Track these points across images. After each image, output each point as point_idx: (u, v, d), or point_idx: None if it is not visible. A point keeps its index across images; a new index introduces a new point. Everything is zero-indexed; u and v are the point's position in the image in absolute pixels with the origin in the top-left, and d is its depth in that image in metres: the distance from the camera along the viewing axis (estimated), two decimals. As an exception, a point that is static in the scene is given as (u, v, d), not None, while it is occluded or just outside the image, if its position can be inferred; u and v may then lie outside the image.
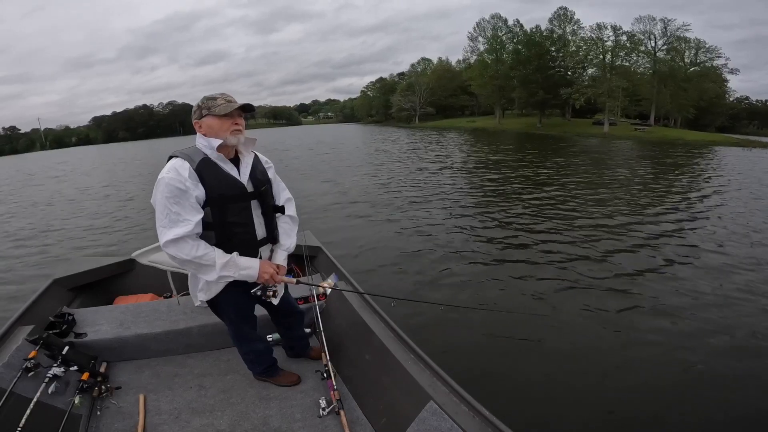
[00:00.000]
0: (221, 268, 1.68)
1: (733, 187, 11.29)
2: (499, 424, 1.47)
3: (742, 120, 57.71)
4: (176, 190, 1.59)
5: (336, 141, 35.85)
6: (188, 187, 1.61)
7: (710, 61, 41.81)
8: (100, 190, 14.69)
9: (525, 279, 4.93)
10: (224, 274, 1.70)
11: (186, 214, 1.61)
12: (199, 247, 1.64)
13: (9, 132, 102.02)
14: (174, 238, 1.59)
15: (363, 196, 10.21)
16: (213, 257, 1.67)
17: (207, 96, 1.72)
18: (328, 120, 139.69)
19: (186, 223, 1.61)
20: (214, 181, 1.67)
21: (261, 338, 2.17)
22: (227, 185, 1.71)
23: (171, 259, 1.67)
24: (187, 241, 1.62)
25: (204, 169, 1.66)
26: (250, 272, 1.75)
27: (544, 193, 10.10)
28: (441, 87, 68.93)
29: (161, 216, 1.61)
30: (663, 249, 5.89)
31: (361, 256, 5.77)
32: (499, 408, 1.59)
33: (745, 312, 4.03)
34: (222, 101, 1.69)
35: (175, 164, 1.63)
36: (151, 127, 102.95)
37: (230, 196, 1.71)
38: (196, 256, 1.64)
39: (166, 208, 1.59)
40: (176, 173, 1.61)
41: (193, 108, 1.75)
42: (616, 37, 40.49)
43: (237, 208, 1.74)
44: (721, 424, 2.62)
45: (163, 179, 1.60)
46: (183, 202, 1.61)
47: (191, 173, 1.63)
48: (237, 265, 1.72)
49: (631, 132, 37.59)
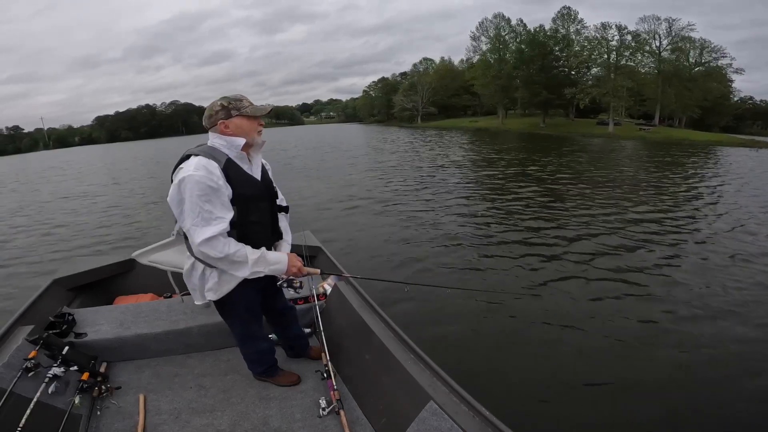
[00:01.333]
0: (253, 263, 1.70)
1: (752, 186, 11.18)
2: (499, 424, 1.46)
3: (746, 120, 57.34)
4: (208, 188, 1.58)
5: (336, 140, 35.89)
6: (220, 186, 1.61)
7: (715, 61, 41.62)
8: (100, 191, 14.74)
9: (529, 272, 4.95)
10: (256, 270, 1.72)
11: (218, 212, 1.61)
12: (230, 245, 1.65)
13: (12, 132, 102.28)
14: (208, 237, 1.59)
15: (364, 195, 10.23)
16: (245, 254, 1.68)
17: (231, 96, 1.72)
18: (330, 120, 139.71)
19: (219, 221, 1.61)
20: (238, 180, 1.69)
21: (266, 337, 2.18)
22: (250, 185, 1.75)
23: (203, 258, 1.68)
24: (220, 240, 1.62)
25: (229, 169, 1.67)
26: (280, 266, 1.78)
27: (559, 196, 9.91)
28: (443, 87, 68.77)
29: (192, 215, 1.58)
30: (685, 248, 5.87)
31: (362, 256, 5.78)
32: (499, 408, 1.58)
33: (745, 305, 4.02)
34: (248, 103, 1.73)
35: (203, 162, 1.61)
36: (154, 127, 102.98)
37: (252, 195, 1.75)
38: (228, 253, 1.64)
39: (198, 207, 1.57)
40: (207, 171, 1.59)
41: (213, 108, 1.72)
42: (620, 37, 40.35)
43: (257, 207, 1.79)
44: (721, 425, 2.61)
45: (192, 177, 1.57)
46: (215, 201, 1.61)
47: (221, 171, 1.63)
48: (267, 261, 1.74)
49: (636, 132, 37.30)
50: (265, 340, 2.16)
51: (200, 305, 2.63)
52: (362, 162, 18.43)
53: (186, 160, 1.65)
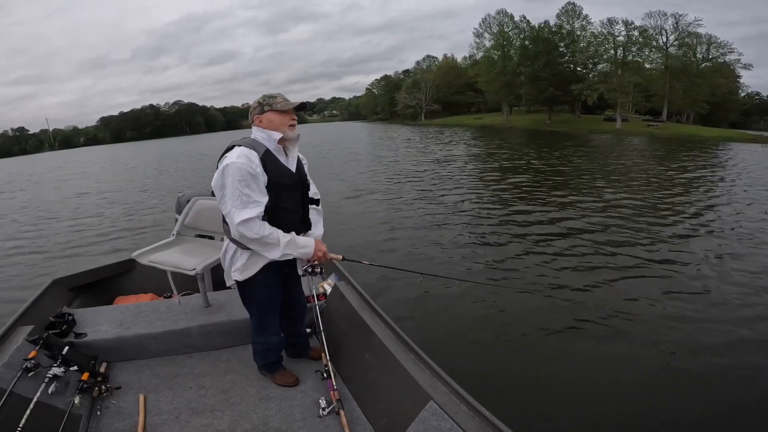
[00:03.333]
0: (284, 246, 1.85)
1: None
2: (499, 424, 1.45)
3: (752, 116, 56.71)
4: (248, 175, 1.74)
5: (340, 139, 35.92)
6: (258, 173, 1.77)
7: (722, 56, 41.11)
8: (100, 190, 14.85)
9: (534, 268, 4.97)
10: (287, 252, 1.87)
11: (255, 196, 1.77)
12: (264, 227, 1.80)
13: (17, 133, 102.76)
14: (246, 218, 1.75)
15: (368, 193, 10.23)
16: (278, 237, 1.83)
17: (267, 94, 1.92)
18: (333, 118, 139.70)
19: (256, 204, 1.77)
20: (274, 169, 1.84)
21: (278, 332, 2.19)
22: (284, 175, 1.89)
23: (240, 238, 1.83)
24: (256, 222, 1.77)
25: (267, 159, 1.83)
26: (308, 250, 1.94)
27: (580, 196, 9.44)
28: (447, 84, 68.44)
29: (232, 197, 1.75)
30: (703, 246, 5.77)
31: (363, 254, 5.78)
32: (499, 408, 1.56)
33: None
34: (281, 99, 1.90)
35: (244, 152, 1.78)
36: (158, 127, 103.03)
37: (285, 185, 1.89)
38: (263, 235, 1.79)
39: (238, 191, 1.74)
40: (247, 159, 1.76)
41: (252, 105, 1.95)
42: (627, 32, 39.98)
43: (289, 196, 1.92)
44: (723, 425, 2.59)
45: (234, 164, 1.74)
46: (253, 186, 1.76)
47: (260, 160, 1.79)
48: (296, 244, 1.90)
49: (644, 128, 36.70)
50: (277, 334, 2.18)
51: (200, 305, 2.65)
52: (365, 159, 18.44)
53: (230, 150, 1.83)
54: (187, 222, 2.87)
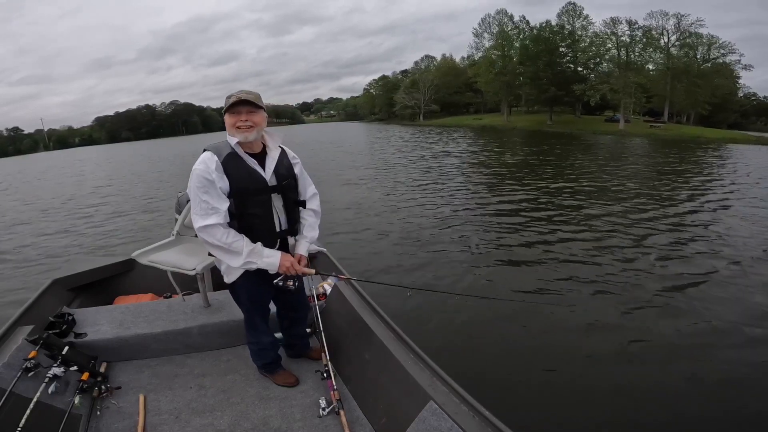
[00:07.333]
0: (247, 255, 1.81)
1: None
2: (499, 424, 1.45)
3: (750, 117, 56.93)
4: (204, 181, 1.73)
5: (338, 139, 35.78)
6: (214, 179, 1.74)
7: (723, 57, 41.22)
8: (100, 191, 14.79)
9: (535, 272, 4.96)
10: (249, 260, 1.82)
11: (214, 202, 1.74)
12: (229, 235, 1.78)
13: (12, 133, 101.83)
14: (205, 225, 1.74)
15: (366, 198, 10.19)
16: (241, 245, 1.80)
17: (229, 94, 1.81)
18: (331, 118, 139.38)
19: (215, 211, 1.74)
20: (237, 174, 1.79)
21: (269, 333, 2.18)
22: (249, 179, 1.82)
23: (204, 243, 1.82)
24: (219, 228, 1.76)
25: (229, 163, 1.78)
26: (272, 260, 1.86)
27: (598, 202, 9.08)
28: (445, 84, 68.46)
29: (194, 204, 1.76)
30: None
31: (363, 256, 5.78)
32: (499, 408, 1.57)
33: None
34: (234, 98, 1.78)
35: (206, 157, 1.77)
36: (154, 127, 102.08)
37: (251, 189, 1.82)
38: (225, 242, 1.77)
39: (198, 197, 1.74)
40: (205, 165, 1.74)
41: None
42: (631, 32, 40.00)
43: (257, 200, 1.85)
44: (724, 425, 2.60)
45: (195, 170, 1.75)
46: (212, 192, 1.74)
47: (218, 165, 1.75)
48: (261, 254, 1.84)
49: (647, 129, 36.70)
50: (268, 334, 2.17)
51: (200, 305, 2.65)
52: (362, 160, 18.37)
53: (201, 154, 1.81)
54: (187, 222, 2.87)
